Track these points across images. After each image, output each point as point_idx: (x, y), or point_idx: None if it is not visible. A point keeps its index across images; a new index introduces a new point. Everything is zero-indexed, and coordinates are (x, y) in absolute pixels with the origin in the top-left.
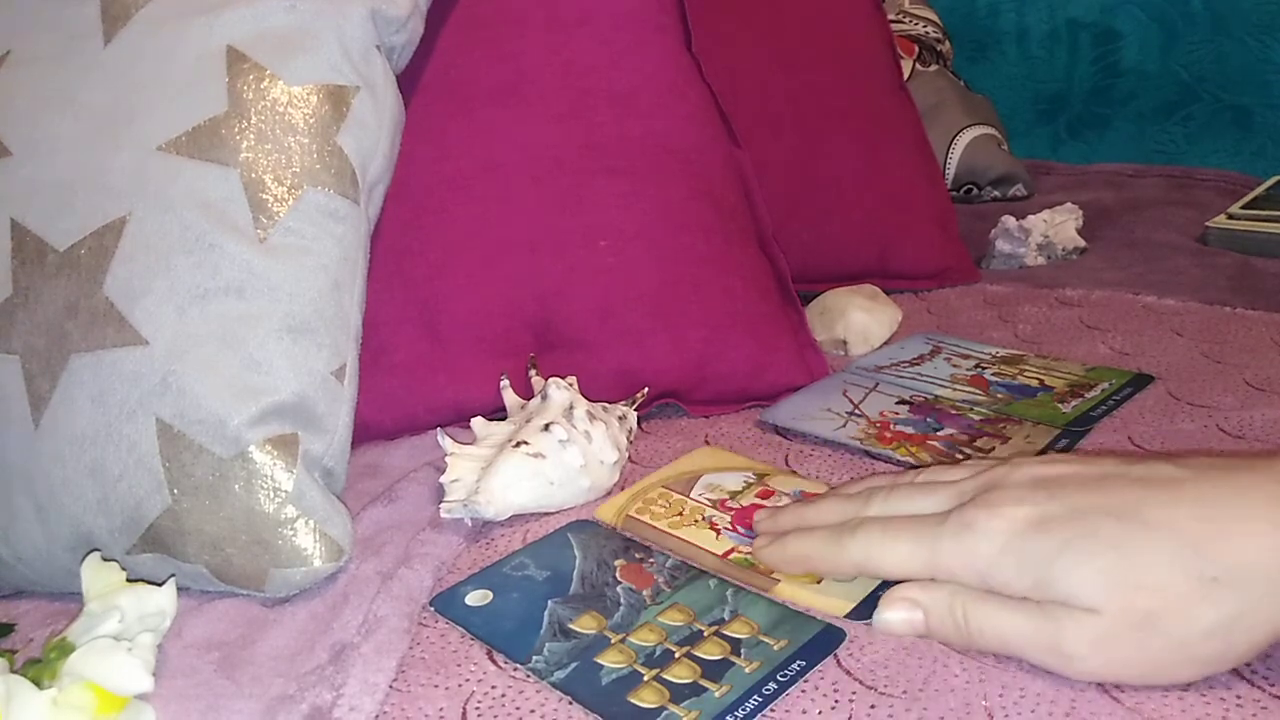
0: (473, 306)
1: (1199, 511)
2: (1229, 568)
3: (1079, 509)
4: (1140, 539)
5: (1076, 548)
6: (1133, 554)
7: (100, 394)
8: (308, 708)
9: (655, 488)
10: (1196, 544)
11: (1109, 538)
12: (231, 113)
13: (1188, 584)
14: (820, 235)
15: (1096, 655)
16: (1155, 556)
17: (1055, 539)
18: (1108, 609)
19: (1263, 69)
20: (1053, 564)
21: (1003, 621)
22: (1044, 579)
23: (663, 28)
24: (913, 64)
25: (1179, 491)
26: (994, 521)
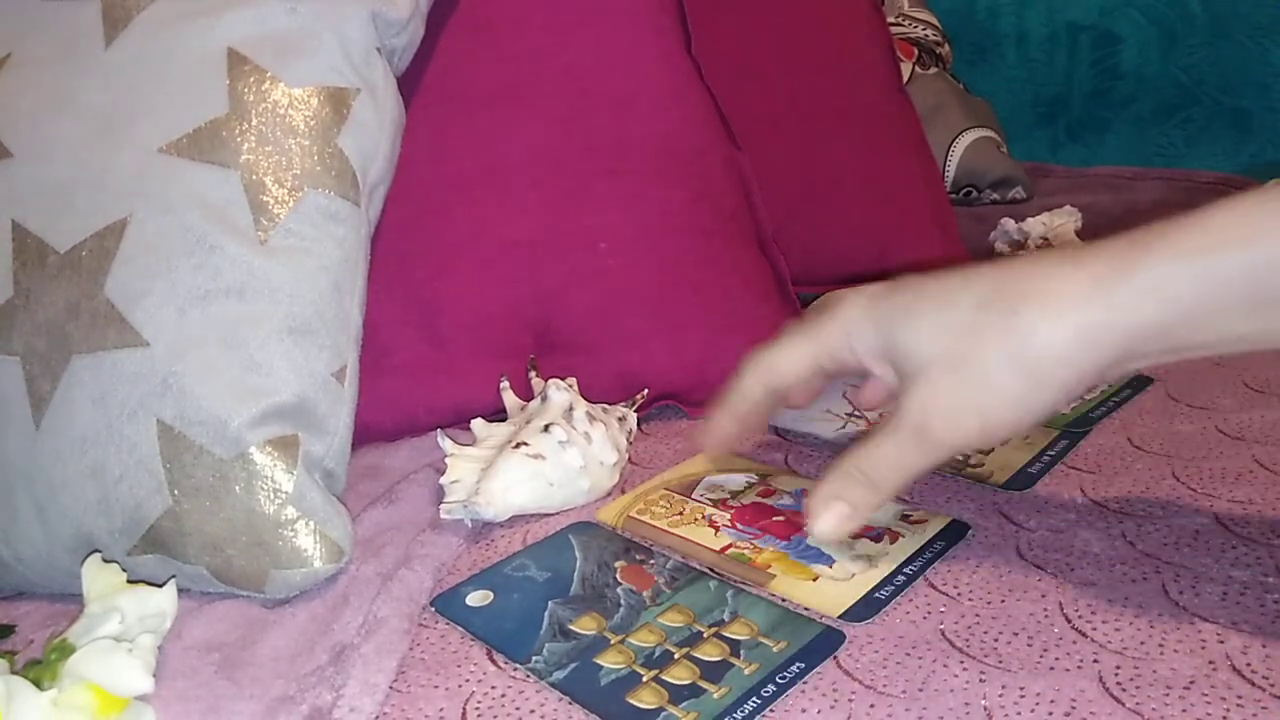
0: (473, 308)
1: (1007, 268)
2: (1027, 301)
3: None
4: (956, 289)
5: (911, 305)
6: (948, 303)
7: (101, 395)
8: (308, 709)
9: (657, 489)
10: (1001, 287)
11: (933, 294)
12: (232, 115)
13: (992, 323)
14: (820, 237)
15: (936, 415)
16: (967, 301)
17: (898, 300)
18: (931, 361)
19: (1262, 71)
20: (893, 323)
21: (882, 450)
22: (889, 336)
23: (662, 30)
24: (912, 67)
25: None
26: (856, 295)
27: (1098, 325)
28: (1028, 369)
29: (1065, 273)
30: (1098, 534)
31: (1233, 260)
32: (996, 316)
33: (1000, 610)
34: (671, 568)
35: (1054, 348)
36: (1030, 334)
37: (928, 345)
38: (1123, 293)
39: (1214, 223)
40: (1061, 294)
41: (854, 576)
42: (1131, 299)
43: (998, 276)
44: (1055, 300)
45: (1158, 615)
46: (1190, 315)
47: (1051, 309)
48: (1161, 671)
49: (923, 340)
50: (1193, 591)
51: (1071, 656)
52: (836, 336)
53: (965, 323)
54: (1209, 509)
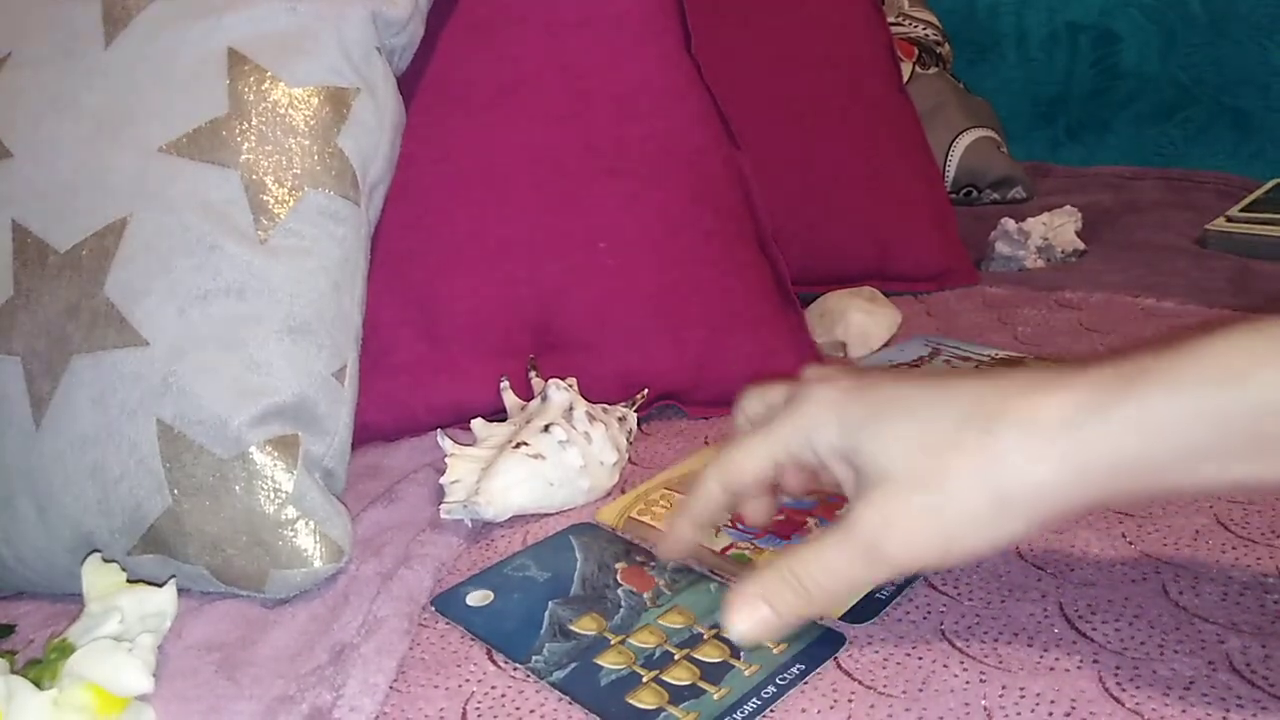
0: (473, 308)
1: (990, 384)
2: (1006, 424)
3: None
4: (933, 402)
5: (882, 411)
6: (924, 416)
7: (101, 395)
8: (308, 708)
9: (657, 489)
10: (980, 405)
11: (908, 403)
12: (232, 114)
13: (967, 442)
14: (820, 237)
15: (892, 531)
16: (943, 415)
17: (868, 403)
18: (897, 475)
19: (1262, 71)
20: (860, 427)
21: (823, 559)
22: (854, 441)
23: (662, 30)
24: (912, 66)
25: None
26: (822, 391)
27: (1077, 459)
28: (1000, 495)
29: (1049, 396)
30: (1098, 534)
31: (1230, 398)
32: (972, 436)
33: (1000, 610)
34: (672, 569)
35: (1030, 476)
36: (1006, 458)
37: (896, 456)
38: (1108, 424)
39: (1207, 356)
40: (1043, 419)
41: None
42: (1117, 432)
43: (979, 392)
44: (1036, 425)
45: (1158, 615)
46: (1181, 454)
47: (1031, 434)
48: (1161, 671)
49: (891, 450)
50: (1193, 591)
51: (1071, 656)
52: (797, 435)
53: (939, 438)
54: (1209, 509)
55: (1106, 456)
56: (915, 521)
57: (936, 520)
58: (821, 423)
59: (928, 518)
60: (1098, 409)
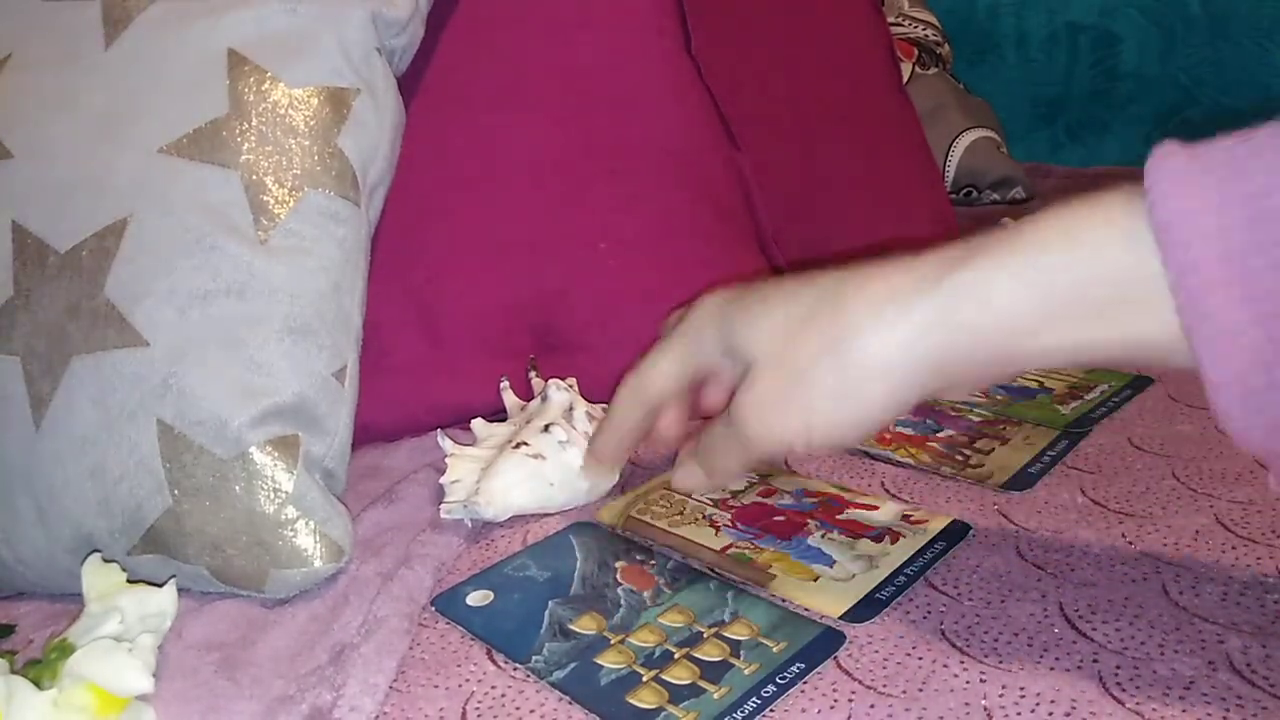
0: (473, 308)
1: (846, 273)
2: (852, 308)
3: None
4: (795, 292)
5: (754, 306)
6: (785, 305)
7: (101, 395)
8: (308, 708)
9: (657, 489)
10: (834, 291)
11: (776, 297)
12: (232, 115)
13: (819, 325)
14: (819, 237)
15: (756, 410)
16: (801, 303)
17: (744, 302)
18: (763, 360)
19: (1261, 72)
20: (736, 323)
21: (711, 432)
22: (731, 336)
23: (663, 31)
24: (912, 67)
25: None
26: (708, 299)
27: (915, 330)
28: (849, 366)
29: (888, 278)
30: (1098, 534)
31: (1054, 266)
32: (823, 319)
33: (1000, 610)
34: (672, 568)
35: (872, 353)
36: (852, 333)
37: (763, 342)
38: (943, 292)
39: (1040, 228)
40: (881, 298)
41: (854, 577)
42: (948, 304)
43: (835, 280)
44: (874, 305)
45: (1158, 615)
46: (1011, 321)
47: (870, 314)
48: (1161, 671)
49: (759, 336)
50: (1193, 591)
51: (1071, 656)
52: (689, 342)
53: (795, 324)
54: (1209, 509)
55: (941, 324)
56: (778, 400)
57: (795, 397)
58: (708, 325)
59: (786, 395)
60: (933, 280)
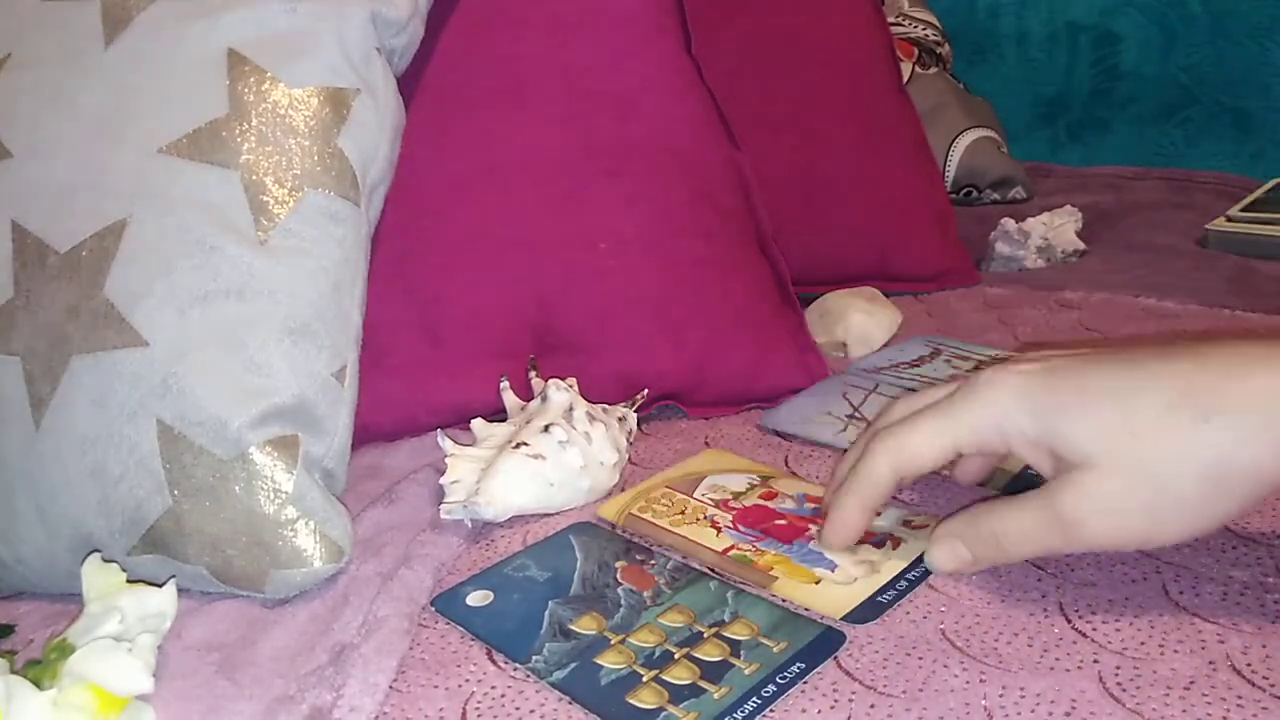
0: (473, 308)
1: (1194, 364)
2: (1223, 410)
3: (1083, 363)
4: (1137, 387)
5: (1080, 397)
6: (1129, 401)
7: (101, 396)
8: (308, 708)
9: (659, 487)
10: (1191, 389)
11: (1109, 387)
12: (232, 115)
13: (1180, 427)
14: (820, 238)
15: (1095, 513)
16: (1151, 402)
17: (1061, 388)
18: (1102, 459)
19: (1262, 71)
20: (1057, 413)
21: (1019, 521)
22: (1051, 427)
23: (662, 30)
24: (912, 67)
25: (1176, 351)
26: (1006, 376)
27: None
28: (1215, 481)
29: (1260, 380)
30: None
31: None
32: (1186, 423)
33: (1000, 610)
34: (672, 568)
35: (1242, 459)
36: (1218, 443)
37: (1101, 441)
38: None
39: None
40: (1261, 406)
41: (856, 581)
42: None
43: (1186, 376)
44: (1248, 409)
45: (1158, 615)
46: None
47: (1244, 418)
48: (1161, 671)
49: (1095, 435)
50: (1193, 591)
51: (1071, 656)
52: (986, 422)
53: (1148, 425)
54: None
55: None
56: (1121, 505)
57: (1144, 504)
58: (1012, 409)
59: (1135, 501)
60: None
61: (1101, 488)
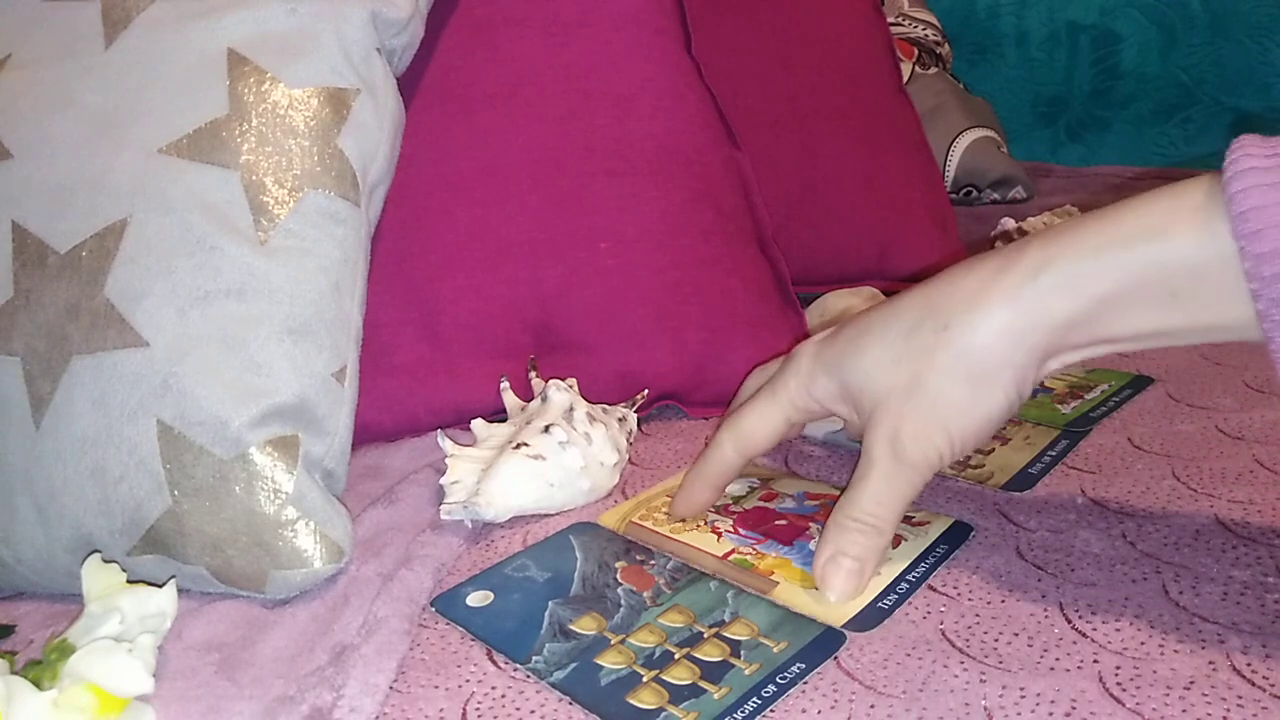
0: (473, 308)
1: (933, 283)
2: (954, 313)
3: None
4: (892, 318)
5: (854, 344)
6: (886, 333)
7: (101, 396)
8: (308, 709)
9: (660, 495)
10: (929, 304)
11: (872, 328)
12: (232, 115)
13: (928, 340)
14: (820, 237)
15: (903, 439)
16: (903, 326)
17: (841, 342)
18: (885, 393)
19: (1262, 71)
20: (841, 364)
21: (865, 491)
22: (841, 379)
23: (662, 30)
24: (912, 67)
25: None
26: (805, 346)
27: (1022, 324)
28: (970, 377)
29: (986, 279)
30: (1098, 534)
31: (1140, 254)
32: (931, 335)
33: (1000, 610)
34: (672, 568)
35: (989, 352)
36: (965, 344)
37: (878, 378)
38: (1039, 291)
39: (1125, 218)
40: (985, 301)
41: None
42: (1048, 296)
43: (925, 296)
44: (980, 308)
45: (1158, 615)
46: (1103, 308)
47: (978, 317)
48: (1161, 671)
49: (872, 374)
50: (1193, 591)
51: (1071, 656)
52: (796, 391)
53: (906, 348)
54: (1209, 509)
55: (1042, 319)
56: (916, 424)
57: (933, 416)
58: (811, 374)
59: (923, 416)
60: (1027, 281)
61: (894, 419)
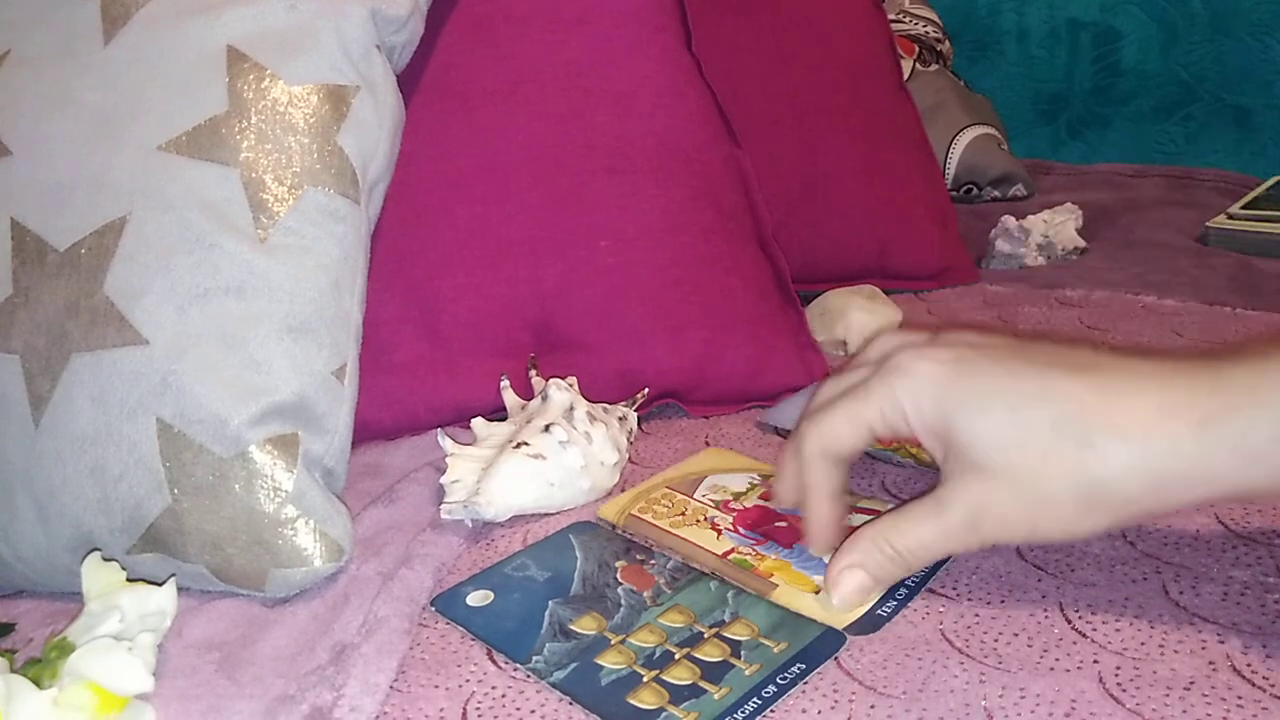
0: (473, 306)
1: (1088, 381)
2: (1104, 436)
3: (991, 362)
4: (1031, 398)
5: (979, 399)
6: (1020, 413)
7: (100, 394)
8: (308, 708)
9: (659, 488)
10: (1080, 408)
11: (1007, 394)
12: (232, 112)
13: (1064, 447)
14: (820, 235)
15: (985, 519)
16: (1042, 416)
17: (964, 386)
18: (992, 466)
19: (1263, 69)
20: (957, 410)
21: (918, 532)
22: (950, 422)
23: (663, 27)
24: (913, 64)
25: (1078, 361)
26: (918, 364)
27: (1174, 475)
28: (1092, 502)
29: (1147, 407)
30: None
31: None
32: (1070, 445)
33: (1000, 610)
34: (672, 568)
35: (1120, 490)
36: (1100, 474)
37: (993, 448)
38: (1204, 444)
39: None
40: (1141, 435)
41: None
42: (1215, 454)
43: (1079, 391)
44: (1130, 444)
45: (1158, 615)
46: (1267, 476)
47: (1125, 454)
48: (1161, 672)
49: (988, 441)
50: (1193, 591)
51: (1071, 657)
52: (895, 407)
53: (1035, 439)
54: (1209, 509)
55: (1201, 477)
56: (1009, 510)
57: (1029, 513)
58: (919, 397)
59: (1021, 510)
60: (1193, 424)
61: (990, 495)
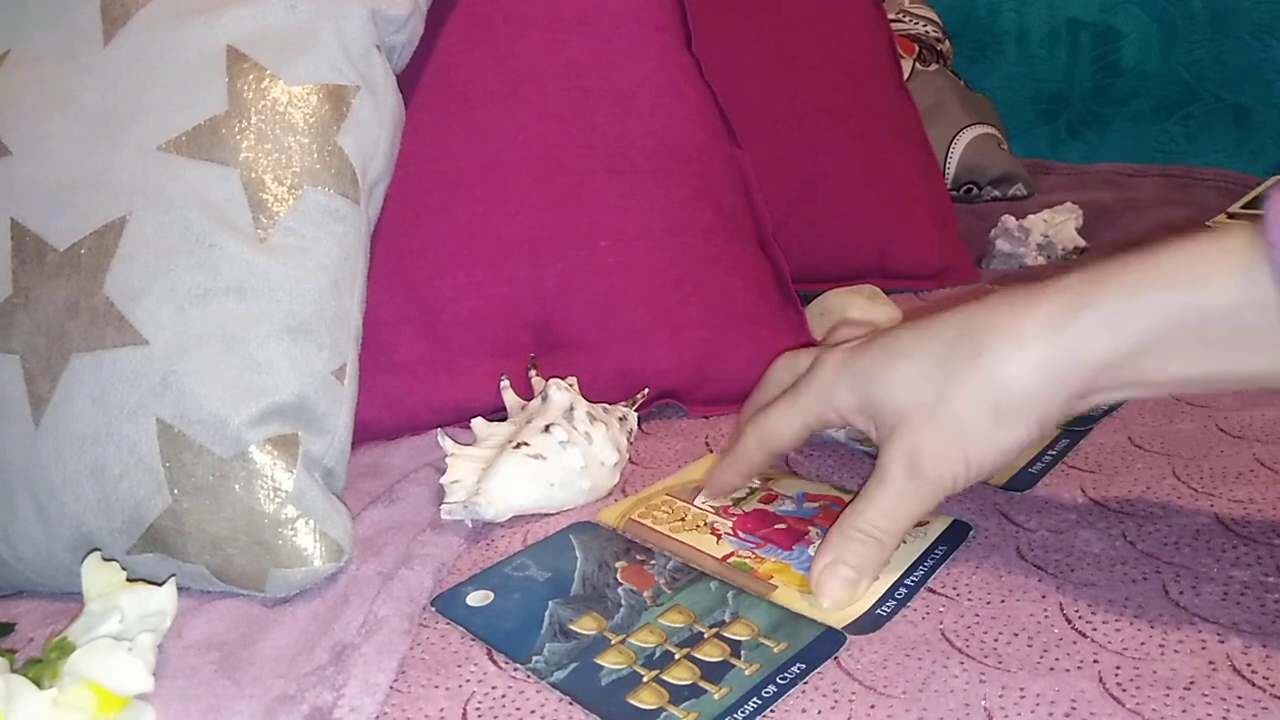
0: (473, 307)
1: (972, 309)
2: (991, 344)
3: (892, 331)
4: (925, 338)
5: (883, 360)
6: (917, 353)
7: (100, 394)
8: (308, 708)
9: (659, 494)
10: (967, 330)
11: (904, 346)
12: (232, 112)
13: (960, 365)
14: (820, 235)
15: (922, 457)
16: (936, 348)
17: (869, 357)
18: (910, 411)
19: (1263, 68)
20: (867, 379)
21: (876, 504)
22: (865, 394)
23: (663, 27)
24: (913, 63)
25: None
26: (828, 355)
27: (1056, 362)
28: (996, 407)
29: (1025, 312)
30: (1098, 534)
31: (1179, 298)
32: (964, 360)
33: (1000, 610)
34: (672, 568)
35: (1018, 386)
36: (996, 374)
37: (903, 395)
38: (1077, 329)
39: (1166, 261)
40: (1022, 333)
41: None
42: (1085, 335)
43: (962, 321)
44: (1016, 340)
45: (1158, 615)
46: (1141, 351)
47: (1013, 349)
48: (1161, 671)
49: (897, 391)
50: (1193, 591)
51: (1071, 656)
52: (817, 400)
53: (936, 369)
54: (1209, 508)
55: (1078, 358)
56: (936, 444)
57: (953, 439)
58: (834, 386)
59: (945, 439)
60: (1066, 318)
61: (915, 437)
